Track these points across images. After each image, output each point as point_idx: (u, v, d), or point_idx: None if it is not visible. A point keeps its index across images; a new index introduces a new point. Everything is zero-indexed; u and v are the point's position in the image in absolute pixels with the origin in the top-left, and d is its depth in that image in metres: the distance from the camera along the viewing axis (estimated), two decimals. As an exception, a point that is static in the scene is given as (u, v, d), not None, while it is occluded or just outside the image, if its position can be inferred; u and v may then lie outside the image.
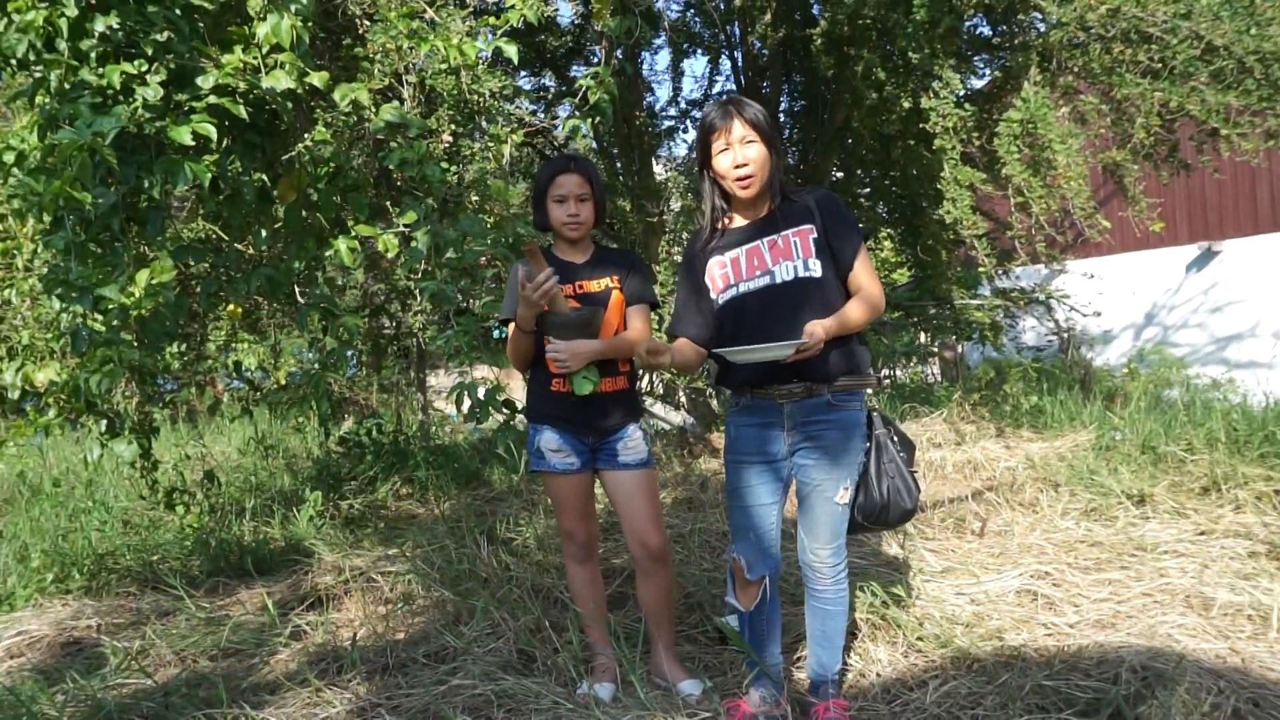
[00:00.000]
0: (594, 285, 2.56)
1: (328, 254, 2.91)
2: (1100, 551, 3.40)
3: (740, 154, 2.15)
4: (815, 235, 2.15)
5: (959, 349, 10.49)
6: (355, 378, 9.22)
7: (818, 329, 2.02)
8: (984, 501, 4.14)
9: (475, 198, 2.97)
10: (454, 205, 2.98)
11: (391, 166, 2.69)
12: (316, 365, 3.43)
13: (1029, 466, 4.53)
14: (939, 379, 10.29)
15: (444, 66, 2.71)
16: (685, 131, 7.54)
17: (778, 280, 2.15)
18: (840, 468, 2.15)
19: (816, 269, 2.12)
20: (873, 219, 7.48)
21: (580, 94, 3.08)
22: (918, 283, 8.01)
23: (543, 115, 6.81)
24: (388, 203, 3.10)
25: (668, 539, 2.71)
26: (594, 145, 6.79)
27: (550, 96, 6.66)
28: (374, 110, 2.66)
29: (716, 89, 7.83)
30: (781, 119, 7.74)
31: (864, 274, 2.16)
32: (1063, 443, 4.94)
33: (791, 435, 2.19)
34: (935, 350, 10.87)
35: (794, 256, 2.14)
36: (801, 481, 2.21)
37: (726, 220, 2.29)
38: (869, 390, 2.24)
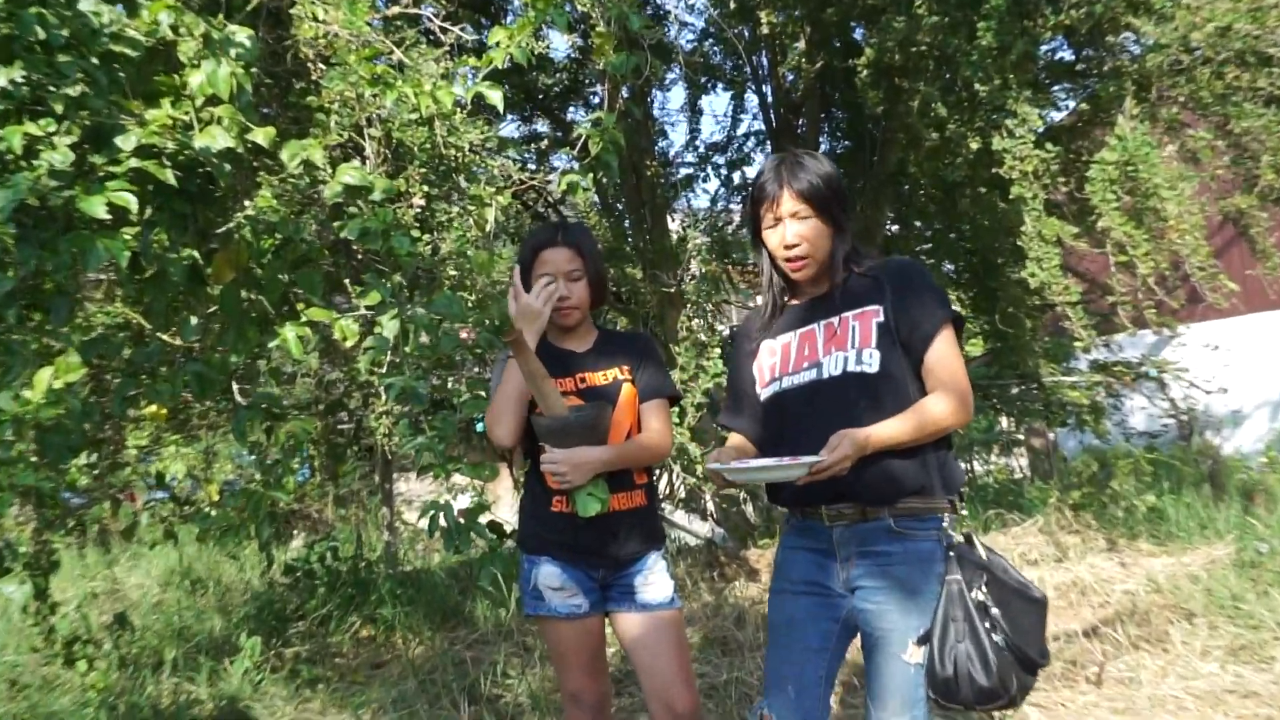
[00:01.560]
0: (599, 377, 2.52)
1: (272, 344, 2.89)
2: (1257, 705, 3.25)
3: (790, 232, 2.13)
4: (880, 319, 2.09)
5: (1051, 436, 10.36)
6: (306, 484, 9.17)
7: (845, 442, 1.93)
8: (1099, 637, 4.00)
9: (453, 272, 2.96)
10: (427, 282, 2.96)
11: (351, 237, 2.68)
12: (257, 479, 3.37)
13: (1153, 590, 4.39)
14: (1028, 475, 10.14)
15: (414, 117, 2.73)
16: (705, 180, 7.66)
17: (824, 375, 2.10)
18: (910, 615, 2.02)
19: (873, 362, 2.06)
20: (937, 281, 7.50)
21: (579, 143, 3.10)
22: (996, 356, 7.96)
23: (534, 167, 6.92)
24: (346, 280, 3.09)
25: (699, 698, 2.60)
26: (596, 202, 6.88)
27: (543, 145, 6.79)
28: (329, 171, 2.67)
29: (741, 130, 7.97)
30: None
31: (941, 364, 2.06)
32: (1193, 558, 4.81)
33: (846, 568, 2.10)
34: (1021, 438, 10.75)
35: (848, 345, 2.09)
36: (863, 631, 2.10)
37: (787, 299, 2.28)
38: (947, 514, 2.11)
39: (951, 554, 2.02)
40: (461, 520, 2.79)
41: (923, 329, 2.07)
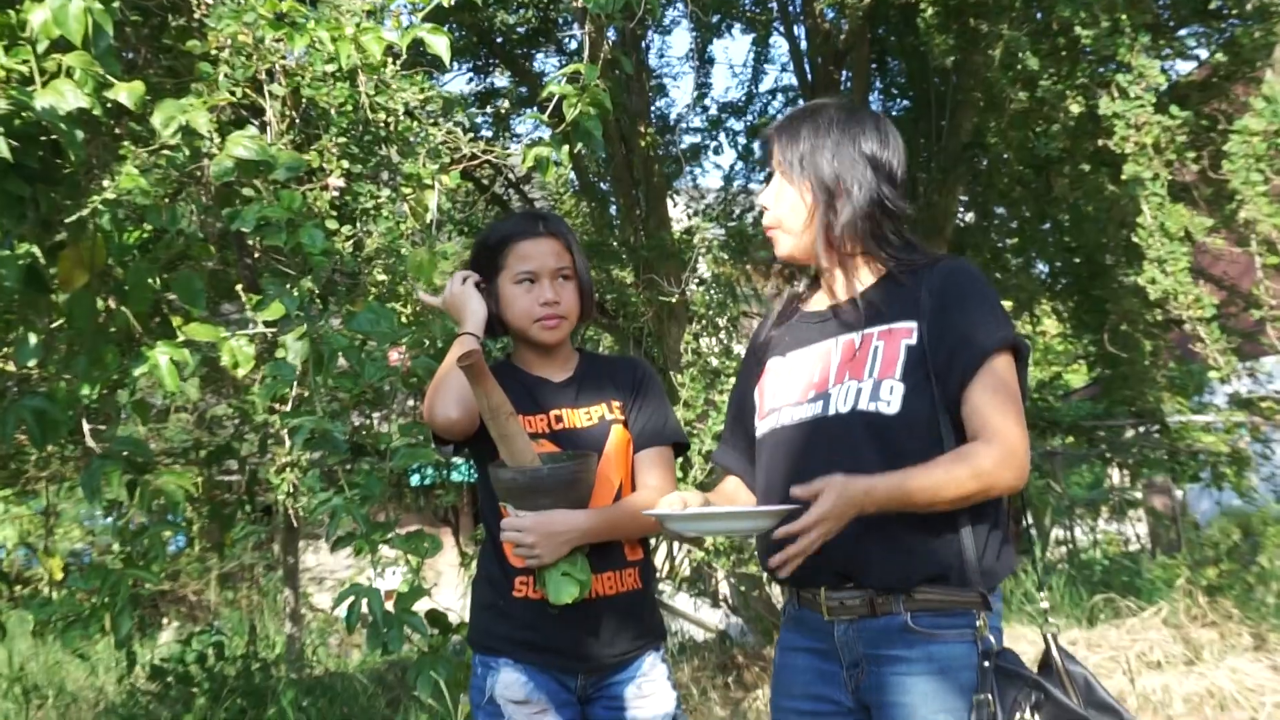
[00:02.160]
0: (580, 417, 2.51)
1: (138, 370, 2.88)
2: None
3: (766, 195, 2.21)
4: (911, 340, 2.06)
5: (1178, 495, 10.38)
6: (181, 556, 9.13)
7: (830, 491, 1.85)
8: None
9: (381, 276, 2.95)
10: (346, 290, 2.96)
11: (245, 230, 2.68)
12: (114, 550, 3.36)
13: (1316, 702, 4.38)
14: (1148, 546, 10.14)
15: (332, 69, 2.73)
16: (717, 151, 7.68)
17: (830, 411, 2.08)
18: None
19: (892, 400, 2.02)
20: (1026, 286, 7.54)
21: (551, 105, 3.10)
22: (1105, 388, 7.98)
23: (489, 134, 6.93)
24: (239, 286, 3.09)
25: None
26: (573, 182, 6.89)
27: (503, 106, 6.80)
28: (217, 140, 2.67)
29: (766, 85, 8.00)
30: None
31: (987, 404, 2.00)
32: (1369, 659, 4.80)
33: (855, 678, 2.09)
34: (1139, 497, 10.76)
35: (865, 374, 2.07)
36: None
37: (799, 299, 2.30)
38: (980, 610, 2.08)
39: (986, 664, 2.00)
40: (392, 609, 2.78)
41: (965, 356, 2.02)
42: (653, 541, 2.63)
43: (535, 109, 3.29)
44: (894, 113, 7.73)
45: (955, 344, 2.02)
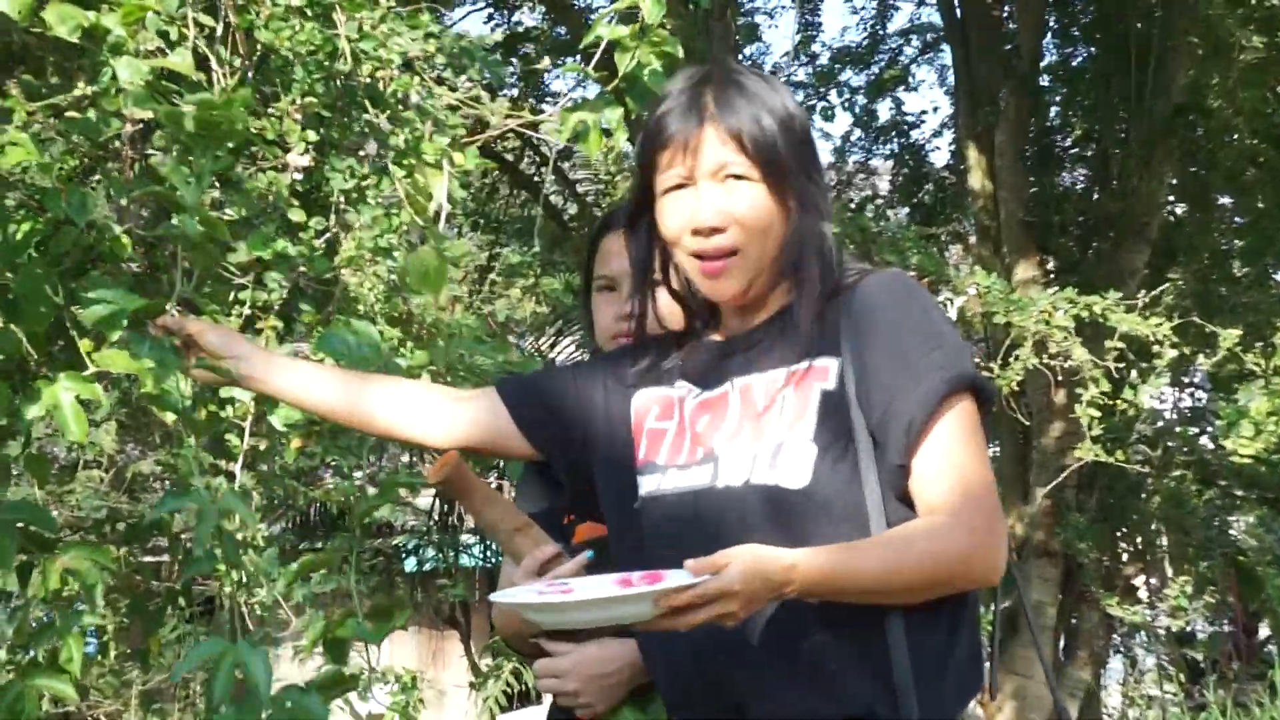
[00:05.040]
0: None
1: (32, 412, 2.92)
2: None
3: (708, 203, 2.09)
4: (829, 385, 2.05)
5: None
6: (94, 663, 9.22)
7: (735, 565, 1.79)
8: None
9: (361, 284, 2.96)
10: (316, 301, 2.98)
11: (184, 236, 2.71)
12: (10, 654, 3.42)
13: None
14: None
15: (299, 3, 2.76)
16: (829, 116, 7.71)
17: (719, 482, 2.08)
18: None
19: (799, 472, 1.99)
20: (1260, 304, 7.47)
21: (598, 53, 3.11)
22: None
23: (514, 89, 6.96)
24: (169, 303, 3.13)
25: None
26: (628, 158, 6.91)
27: (540, 46, 6.84)
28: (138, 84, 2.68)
29: (895, 25, 8.01)
30: (1045, 85, 7.86)
31: (941, 475, 1.97)
32: None
33: None
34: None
35: (765, 433, 2.06)
36: None
37: (697, 333, 2.33)
38: None
39: None
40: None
41: (901, 409, 1.98)
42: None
43: (577, 58, 3.31)
44: (1071, 67, 7.70)
45: (887, 395, 2.00)
